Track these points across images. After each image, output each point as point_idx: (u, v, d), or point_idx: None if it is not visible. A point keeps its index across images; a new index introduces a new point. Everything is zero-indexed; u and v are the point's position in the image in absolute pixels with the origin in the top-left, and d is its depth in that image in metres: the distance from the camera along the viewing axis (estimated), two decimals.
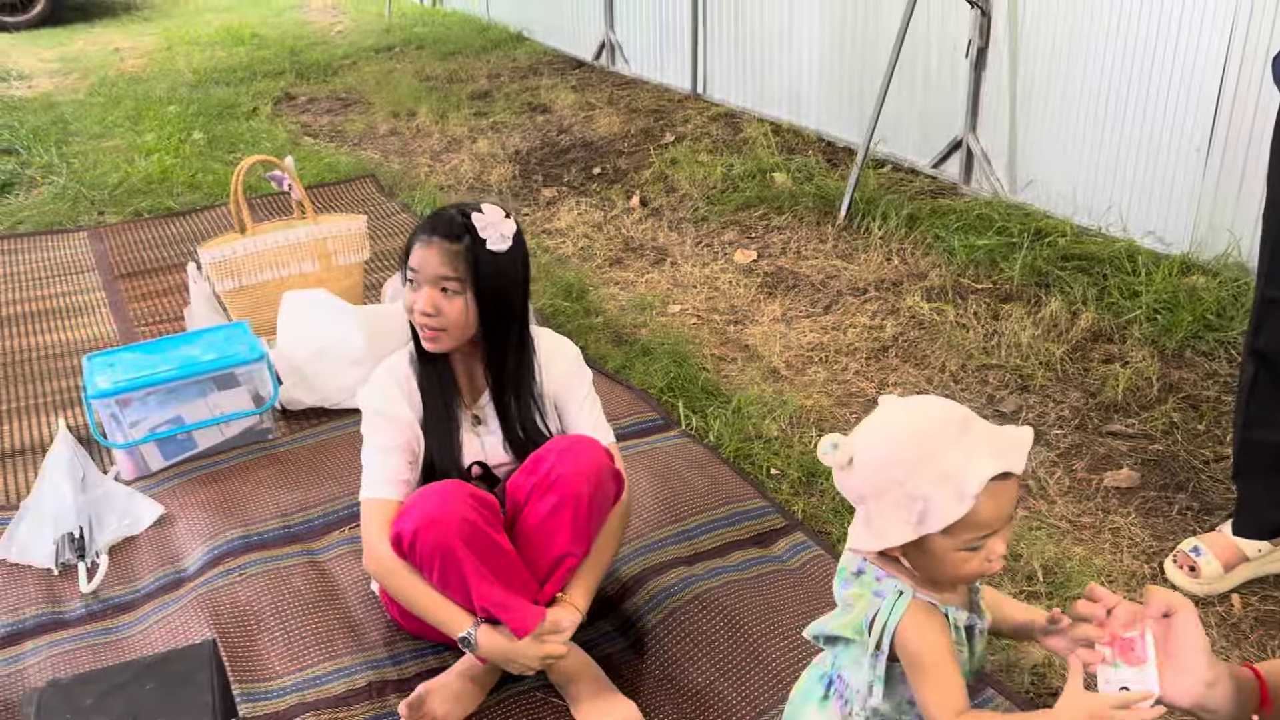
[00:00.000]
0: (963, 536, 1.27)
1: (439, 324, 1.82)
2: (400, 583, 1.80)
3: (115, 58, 7.50)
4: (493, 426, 1.97)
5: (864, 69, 4.68)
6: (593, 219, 4.37)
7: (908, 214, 3.92)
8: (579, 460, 1.79)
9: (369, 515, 1.85)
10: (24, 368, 3.14)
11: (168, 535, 2.36)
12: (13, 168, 4.99)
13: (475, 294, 1.81)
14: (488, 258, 1.81)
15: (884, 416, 1.36)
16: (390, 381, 1.92)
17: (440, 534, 1.70)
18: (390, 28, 8.13)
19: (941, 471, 1.26)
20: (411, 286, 1.83)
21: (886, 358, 3.14)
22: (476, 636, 1.75)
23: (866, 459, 1.33)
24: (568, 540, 1.81)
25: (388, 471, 1.86)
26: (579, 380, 2.00)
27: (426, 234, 1.82)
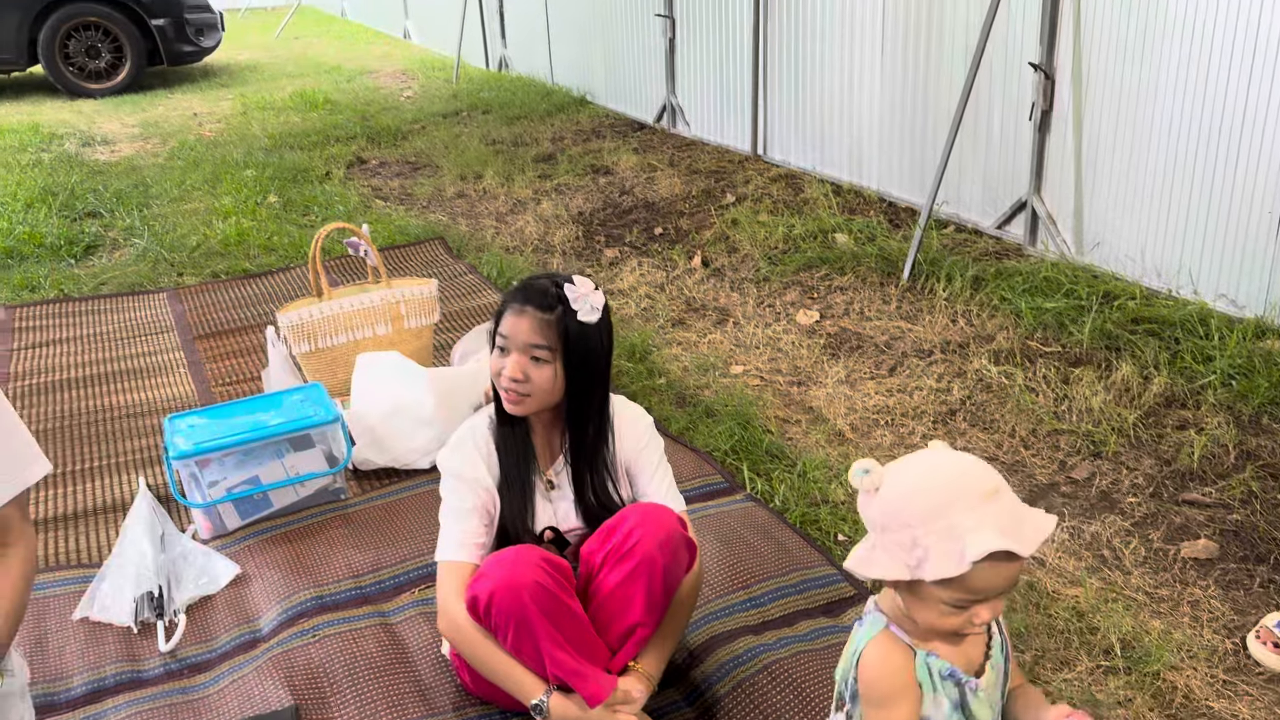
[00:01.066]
0: (953, 594, 1.34)
1: (525, 390, 1.86)
2: (474, 647, 1.82)
3: (194, 122, 7.79)
4: (565, 492, 1.99)
5: (925, 130, 4.70)
6: (655, 279, 4.42)
7: (973, 275, 3.90)
8: (654, 528, 1.80)
9: (444, 578, 1.88)
10: (106, 426, 3.24)
11: (243, 595, 2.41)
12: (97, 230, 5.19)
13: (564, 363, 1.85)
14: (577, 328, 1.85)
15: (924, 461, 1.42)
16: (470, 444, 1.96)
17: (515, 598, 1.72)
18: (457, 93, 8.35)
19: (950, 529, 1.33)
20: (500, 352, 1.87)
21: (954, 421, 3.11)
22: (549, 704, 1.76)
23: (892, 493, 1.39)
24: (641, 609, 1.81)
25: (464, 535, 1.90)
26: (651, 448, 2.01)
27: (519, 302, 1.86)
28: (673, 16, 6.49)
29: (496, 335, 1.89)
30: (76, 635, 2.29)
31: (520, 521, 1.94)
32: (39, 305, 4.20)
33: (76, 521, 2.74)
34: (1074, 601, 2.33)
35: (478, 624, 1.81)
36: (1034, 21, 4.00)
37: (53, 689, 2.13)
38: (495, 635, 1.79)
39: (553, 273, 1.95)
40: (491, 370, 1.91)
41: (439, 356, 3.53)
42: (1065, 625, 2.25)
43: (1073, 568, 2.46)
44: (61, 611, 2.36)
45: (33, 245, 4.87)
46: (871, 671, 1.43)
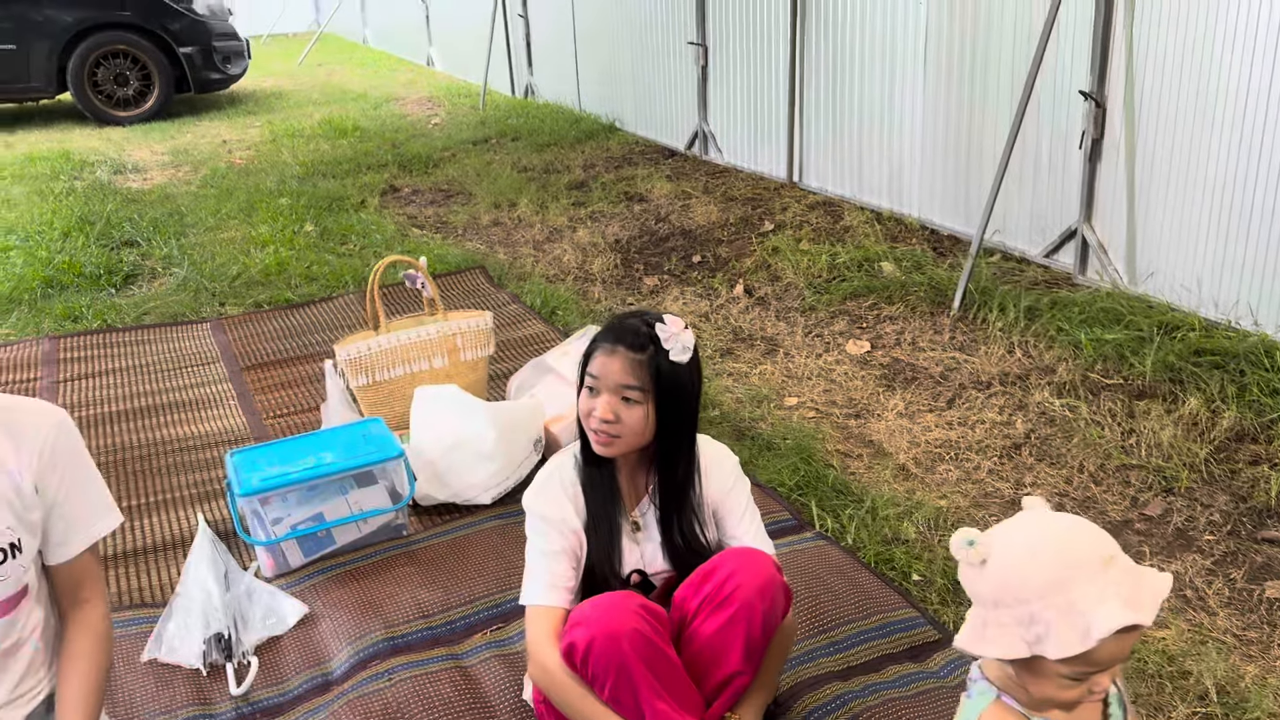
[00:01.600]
0: (1074, 668, 1.28)
1: (616, 431, 1.82)
2: (568, 695, 1.77)
3: (223, 150, 7.82)
4: (651, 534, 1.95)
5: (970, 157, 4.67)
6: (699, 308, 4.39)
7: (1027, 305, 3.86)
8: (753, 575, 1.76)
9: (535, 622, 1.83)
10: (160, 460, 3.21)
11: (312, 635, 2.37)
12: (135, 259, 5.19)
13: (655, 403, 1.82)
14: (669, 368, 1.82)
15: (1030, 528, 1.35)
16: (555, 484, 1.92)
17: (615, 647, 1.68)
18: (485, 120, 8.37)
19: (1072, 604, 1.26)
20: (590, 393, 1.84)
21: (1020, 456, 3.06)
22: None
23: (1001, 566, 1.32)
24: (740, 658, 1.77)
25: (552, 577, 1.85)
26: (739, 490, 1.97)
27: (610, 342, 1.83)
28: (705, 44, 6.50)
29: (586, 375, 1.86)
30: (146, 678, 2.25)
31: (607, 564, 1.90)
32: (83, 336, 4.18)
33: (137, 559, 2.71)
34: (1163, 644, 2.27)
35: (572, 672, 1.76)
36: (1084, 49, 3.98)
37: None
38: (592, 685, 1.74)
39: (643, 311, 1.92)
40: (580, 411, 1.87)
41: (493, 389, 3.50)
42: (1157, 669, 2.20)
43: (1159, 609, 2.40)
44: (129, 653, 2.32)
45: (72, 274, 4.87)
46: None
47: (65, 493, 1.65)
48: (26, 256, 5.04)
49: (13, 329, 4.28)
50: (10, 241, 5.30)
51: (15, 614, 1.61)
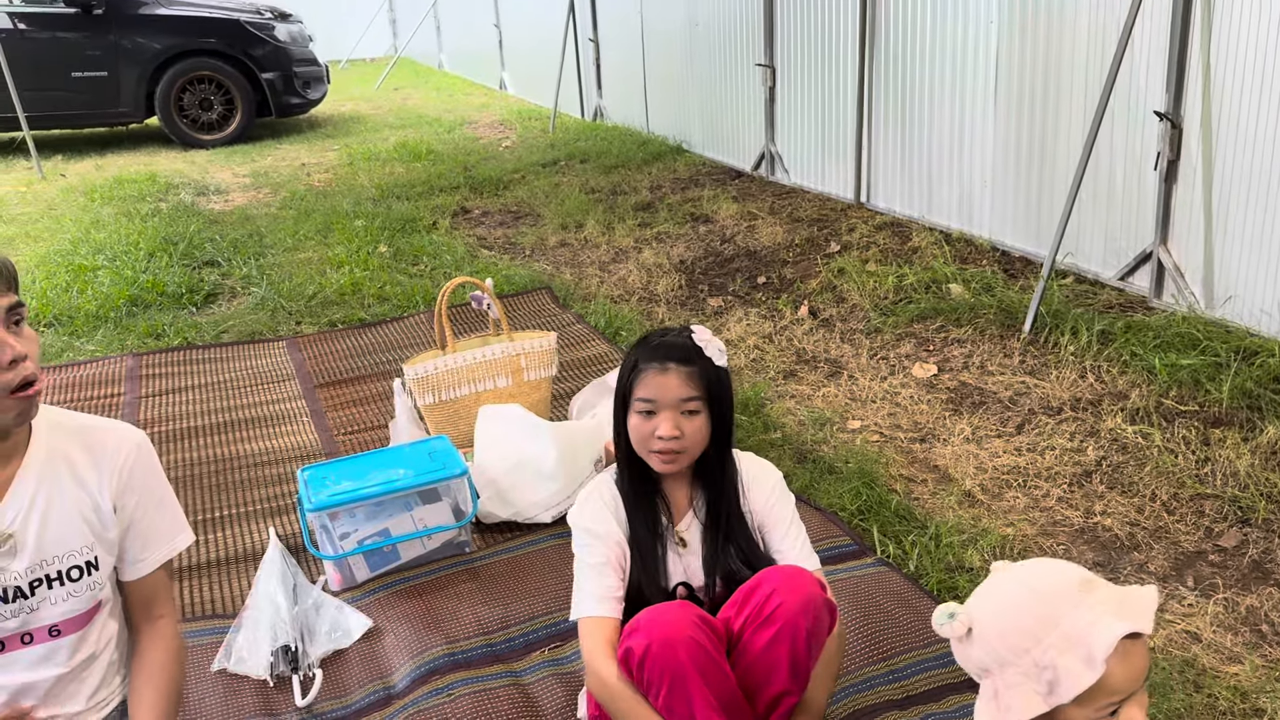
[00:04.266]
0: (1095, 704, 1.23)
1: (681, 445, 1.86)
2: (622, 704, 1.79)
3: (302, 173, 8.04)
4: (696, 548, 1.97)
5: (1042, 178, 4.61)
6: (762, 329, 4.39)
7: (1100, 329, 3.78)
8: (794, 592, 1.76)
9: (589, 634, 1.86)
10: (234, 475, 3.31)
11: (376, 649, 2.42)
12: (216, 279, 5.36)
13: (709, 412, 1.87)
14: (715, 375, 1.89)
15: (1001, 582, 1.34)
16: (598, 500, 1.96)
17: (671, 654, 1.70)
18: (554, 143, 8.48)
19: (1066, 636, 1.23)
20: (645, 417, 1.87)
21: (1090, 484, 3.00)
22: None
23: (987, 629, 1.30)
24: (786, 676, 1.77)
25: (603, 589, 1.88)
26: (783, 505, 1.99)
27: (660, 362, 1.87)
28: (773, 65, 6.51)
29: (635, 400, 1.88)
30: (215, 687, 2.31)
31: (652, 578, 1.92)
32: (164, 353, 4.33)
33: (209, 571, 2.79)
34: (1235, 680, 2.21)
35: (628, 680, 1.77)
36: (1159, 70, 3.90)
37: None
38: (647, 693, 1.75)
39: (667, 328, 1.99)
40: (637, 436, 1.89)
41: (556, 408, 3.54)
42: (1229, 706, 2.13)
43: (1230, 643, 2.33)
44: (200, 662, 2.39)
45: (156, 293, 5.04)
46: None
47: (142, 512, 1.71)
48: (113, 276, 5.24)
49: (99, 346, 4.45)
50: (98, 261, 5.51)
51: (90, 627, 1.67)
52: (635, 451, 1.92)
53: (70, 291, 5.07)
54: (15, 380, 1.48)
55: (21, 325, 1.52)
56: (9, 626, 1.59)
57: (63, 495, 1.62)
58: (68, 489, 1.62)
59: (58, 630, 1.63)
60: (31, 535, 1.59)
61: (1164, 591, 2.51)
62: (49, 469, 1.61)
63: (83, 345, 4.46)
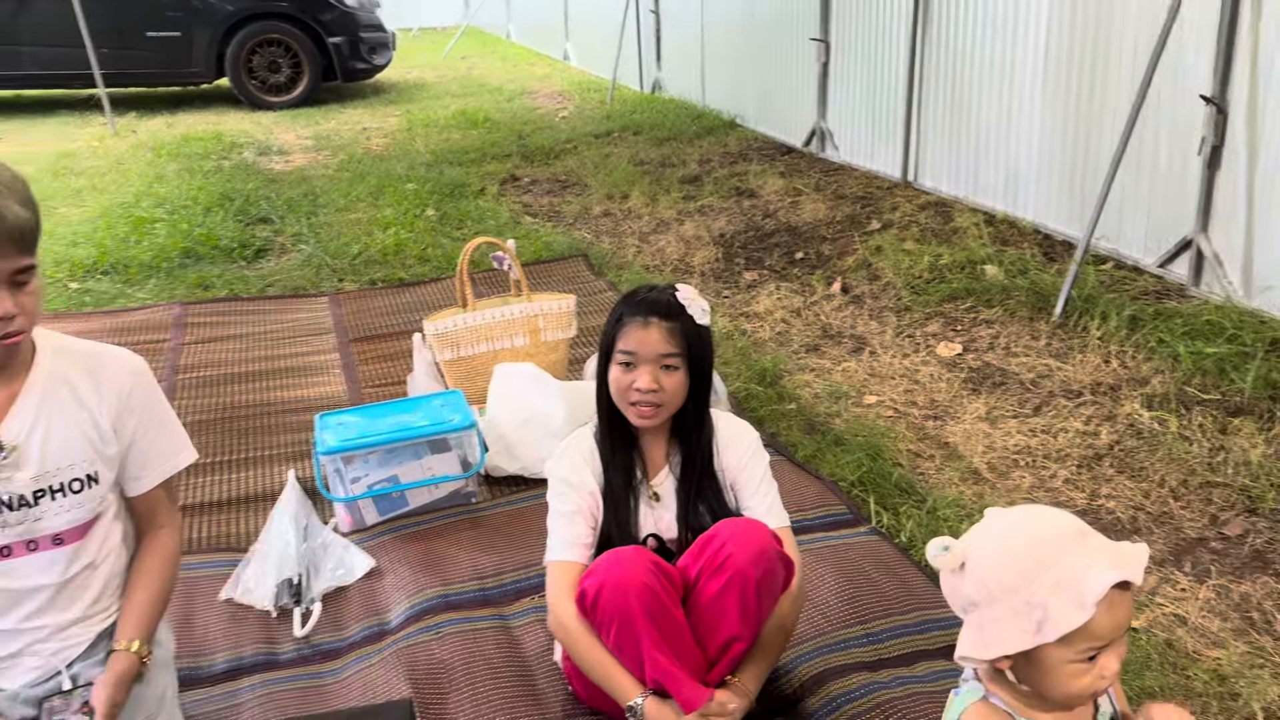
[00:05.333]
0: (1077, 647, 1.28)
1: (660, 399, 1.91)
2: (578, 643, 1.87)
3: (362, 137, 8.20)
4: (669, 503, 2.02)
5: (1087, 160, 4.53)
6: (792, 304, 4.40)
7: (1130, 315, 3.73)
8: (745, 543, 1.81)
9: (553, 577, 1.94)
10: (262, 420, 3.44)
11: (375, 588, 2.52)
12: (267, 235, 5.52)
13: (688, 369, 1.91)
14: (695, 333, 1.93)
15: (999, 522, 1.38)
16: (575, 452, 2.03)
17: (621, 597, 1.76)
18: (611, 114, 8.52)
19: (1060, 579, 1.28)
20: (625, 368, 1.92)
21: (1100, 467, 2.98)
22: (644, 707, 1.79)
23: (980, 564, 1.34)
24: (735, 621, 1.82)
25: (571, 535, 1.95)
26: (756, 463, 2.03)
27: (643, 316, 1.92)
28: (828, 41, 6.46)
29: (617, 352, 1.94)
30: (221, 615, 2.44)
31: (623, 530, 1.97)
32: (210, 303, 4.49)
33: (228, 508, 2.92)
34: (1216, 664, 2.20)
35: (583, 619, 1.85)
36: (1208, 52, 3.81)
37: (197, 663, 2.27)
38: (599, 631, 1.83)
39: (651, 285, 2.03)
40: (616, 387, 1.95)
41: (573, 370, 3.61)
42: (1204, 689, 2.13)
43: (1217, 628, 2.32)
44: (210, 592, 2.52)
45: (209, 247, 5.22)
46: None
47: (142, 432, 1.83)
48: (170, 229, 5.43)
49: (150, 294, 4.63)
50: (158, 214, 5.71)
51: (89, 538, 1.79)
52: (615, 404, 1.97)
53: (128, 242, 5.27)
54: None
55: (26, 285, 1.60)
56: (15, 533, 1.71)
57: (64, 414, 1.73)
58: (69, 408, 1.74)
59: (60, 539, 1.75)
60: (35, 449, 1.71)
61: (1158, 575, 2.50)
62: (52, 389, 1.73)
63: (134, 293, 4.65)
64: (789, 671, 2.13)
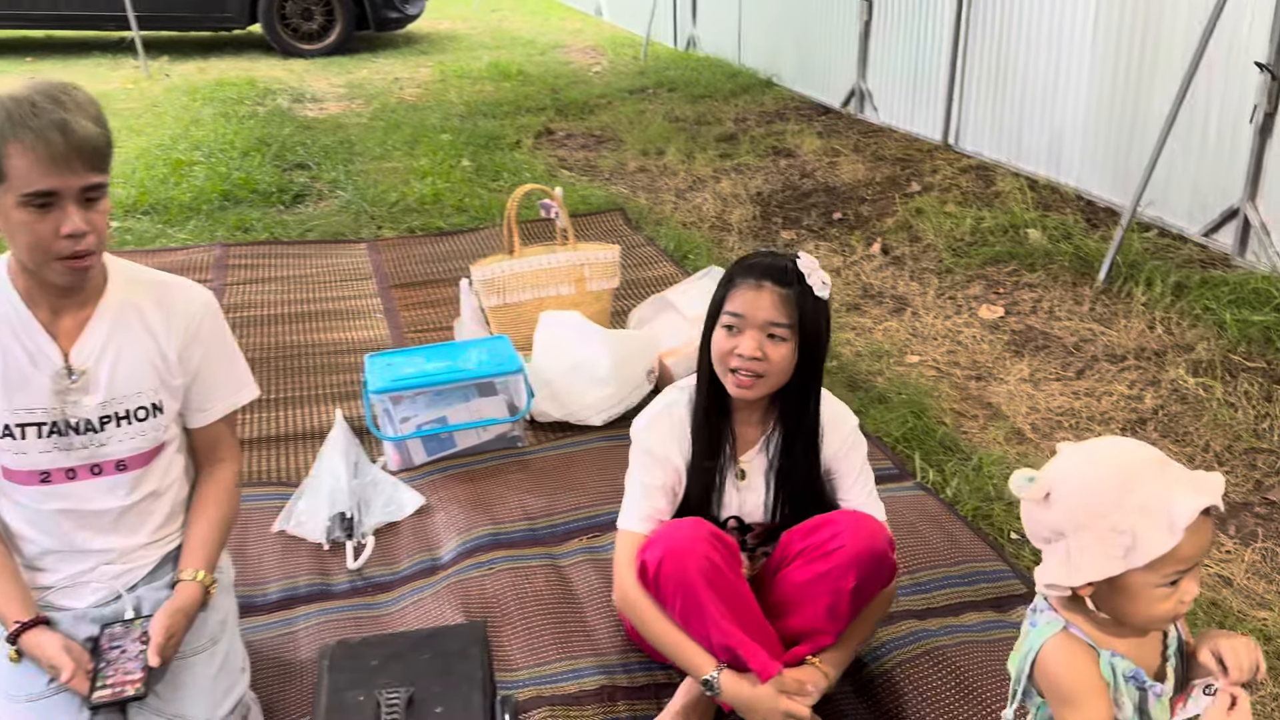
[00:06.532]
0: (1163, 571, 1.29)
1: (762, 369, 1.79)
2: (644, 618, 1.83)
3: (395, 86, 8.17)
4: (755, 483, 1.94)
5: (1134, 126, 4.49)
6: (831, 263, 4.39)
7: (1175, 282, 3.72)
8: (860, 543, 1.75)
9: (622, 546, 1.89)
10: (308, 360, 3.47)
11: (426, 524, 2.55)
12: (305, 181, 5.53)
13: (799, 341, 1.80)
14: (811, 305, 1.79)
15: (1080, 453, 1.38)
16: (665, 422, 1.92)
17: (681, 568, 1.72)
18: (644, 70, 8.46)
19: (1147, 504, 1.29)
20: (729, 331, 1.80)
21: (1144, 430, 2.98)
22: (720, 680, 1.75)
23: (1066, 492, 1.34)
24: (823, 615, 1.78)
25: (646, 508, 1.89)
26: (856, 451, 1.94)
27: (756, 277, 1.79)
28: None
29: (724, 314, 1.81)
30: (274, 546, 2.48)
31: (705, 508, 1.91)
32: (251, 245, 4.51)
33: (279, 444, 2.96)
34: (1262, 624, 2.21)
35: (645, 592, 1.81)
36: (1265, 19, 3.75)
37: (251, 592, 2.31)
38: (665, 605, 1.79)
39: (773, 251, 1.89)
40: (718, 351, 1.83)
41: (615, 322, 3.62)
42: None
43: (1263, 590, 2.33)
44: (262, 523, 2.56)
45: (247, 190, 5.23)
46: (1057, 669, 1.38)
47: (206, 366, 1.85)
48: (208, 171, 5.44)
49: (190, 235, 4.65)
50: (195, 157, 5.72)
51: (153, 465, 1.82)
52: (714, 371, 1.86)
53: (167, 183, 5.29)
54: (66, 250, 1.59)
55: (97, 203, 1.60)
56: (80, 456, 1.74)
57: (133, 342, 1.75)
58: (138, 336, 1.76)
59: (124, 465, 1.78)
60: (104, 374, 1.73)
61: None
62: (121, 317, 1.75)
63: (174, 233, 4.67)
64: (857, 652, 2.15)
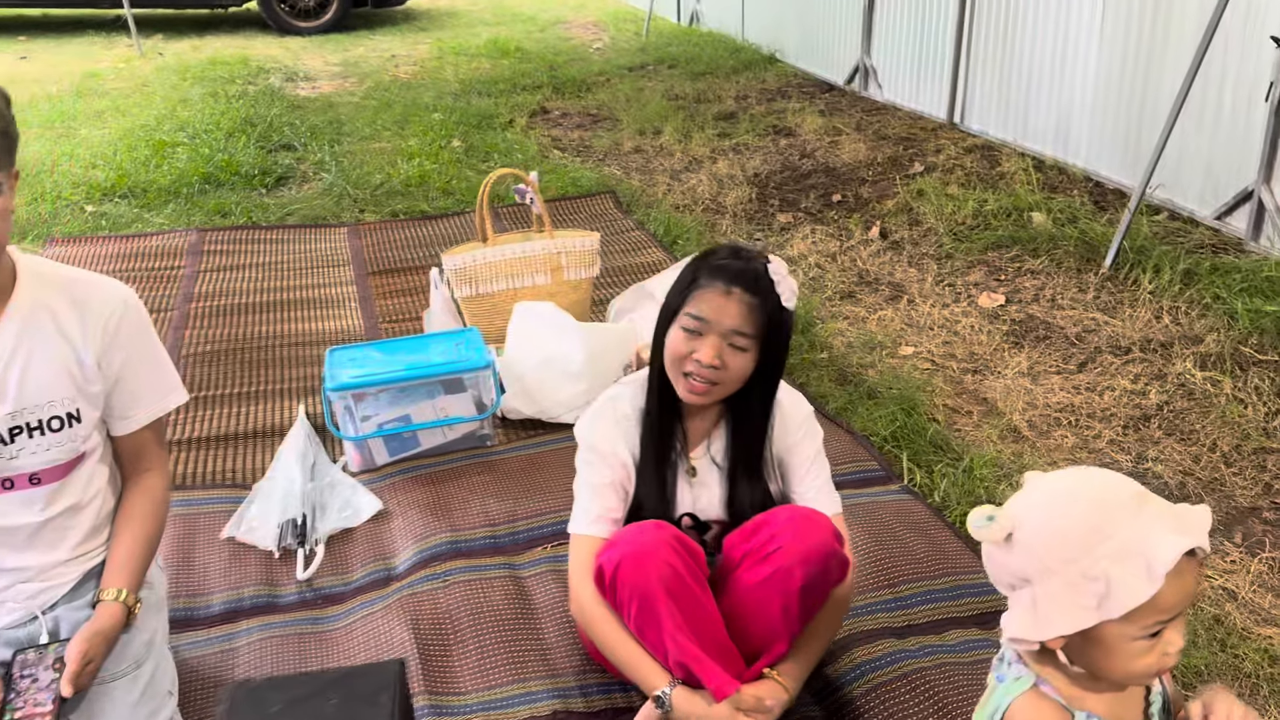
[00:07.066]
0: (1142, 622, 1.14)
1: (718, 378, 1.71)
2: (598, 627, 1.74)
3: (390, 64, 8.00)
4: (707, 479, 1.86)
5: (1144, 106, 4.30)
6: (827, 248, 4.23)
7: (1184, 268, 3.54)
8: (801, 539, 1.64)
9: (576, 551, 1.80)
10: (275, 353, 3.34)
11: (382, 531, 2.42)
12: (289, 163, 5.39)
13: (760, 351, 1.71)
14: (777, 316, 1.71)
15: (1048, 487, 1.22)
16: (609, 418, 1.84)
17: (641, 572, 1.62)
18: (645, 46, 8.27)
19: (1123, 547, 1.13)
20: (689, 335, 1.71)
21: (1147, 428, 2.82)
22: (671, 697, 1.65)
23: (1030, 533, 1.19)
24: (776, 618, 1.67)
25: (598, 509, 1.80)
26: (809, 440, 1.85)
27: (725, 283, 1.69)
28: None
29: (685, 315, 1.71)
30: (221, 554, 2.35)
31: (658, 505, 1.81)
32: (228, 230, 4.38)
33: (235, 443, 2.83)
34: (1267, 643, 2.06)
35: (603, 599, 1.72)
36: None
37: (193, 604, 2.19)
38: (620, 612, 1.69)
39: (740, 247, 1.77)
40: (673, 351, 1.73)
41: (596, 311, 3.47)
42: (1254, 669, 2.00)
43: (1269, 605, 2.18)
44: (211, 529, 2.43)
45: (229, 173, 5.09)
46: None
47: (130, 370, 1.71)
48: (191, 153, 5.31)
49: (167, 220, 4.52)
50: (179, 138, 5.59)
51: (72, 478, 1.68)
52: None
53: (148, 166, 5.15)
54: None
55: None
56: None
57: (45, 346, 1.62)
58: (51, 341, 1.62)
59: (37, 479, 1.65)
60: (12, 383, 1.59)
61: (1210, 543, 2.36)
62: (32, 319, 1.61)
63: (151, 218, 4.54)
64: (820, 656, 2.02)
